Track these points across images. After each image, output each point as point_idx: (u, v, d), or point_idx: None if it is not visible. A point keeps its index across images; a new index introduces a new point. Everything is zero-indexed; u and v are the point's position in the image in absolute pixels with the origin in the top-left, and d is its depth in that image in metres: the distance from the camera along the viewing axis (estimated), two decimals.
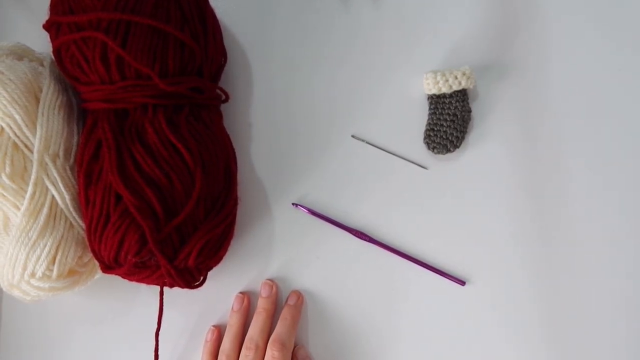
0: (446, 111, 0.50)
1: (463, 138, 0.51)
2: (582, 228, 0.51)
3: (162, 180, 0.43)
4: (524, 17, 0.53)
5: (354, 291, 0.51)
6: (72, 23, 0.44)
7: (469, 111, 0.51)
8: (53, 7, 0.46)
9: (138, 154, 0.44)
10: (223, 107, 0.52)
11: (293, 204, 0.52)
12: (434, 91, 0.50)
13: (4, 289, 0.46)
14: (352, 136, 0.53)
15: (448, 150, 0.51)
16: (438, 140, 0.50)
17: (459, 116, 0.50)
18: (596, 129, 0.52)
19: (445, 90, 0.50)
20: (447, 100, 0.50)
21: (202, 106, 0.48)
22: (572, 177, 0.51)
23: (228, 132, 0.50)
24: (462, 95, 0.51)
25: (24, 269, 0.44)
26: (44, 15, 0.46)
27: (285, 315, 0.49)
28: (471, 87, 0.50)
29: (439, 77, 0.50)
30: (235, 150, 0.50)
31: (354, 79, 0.53)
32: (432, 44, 0.53)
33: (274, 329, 0.49)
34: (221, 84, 0.52)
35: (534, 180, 0.50)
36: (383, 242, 0.51)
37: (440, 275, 0.50)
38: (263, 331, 0.48)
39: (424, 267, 0.51)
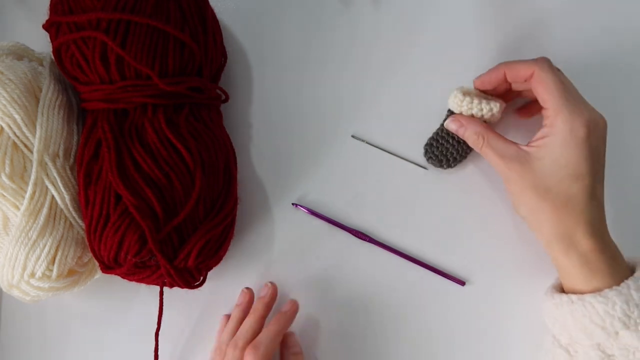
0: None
1: (460, 162, 0.50)
2: None
3: (161, 180, 0.43)
4: (526, 18, 0.53)
5: (353, 291, 0.51)
6: (72, 23, 0.44)
7: None
8: (53, 7, 0.46)
9: (138, 154, 0.44)
10: (223, 107, 0.52)
11: (293, 204, 0.52)
12: (455, 109, 0.48)
13: (4, 289, 0.46)
14: (352, 136, 0.53)
15: (441, 166, 0.50)
16: (437, 153, 0.50)
17: (463, 140, 0.48)
18: None
19: (465, 112, 0.48)
20: None
21: (202, 106, 0.48)
22: None
23: (228, 132, 0.50)
24: None
25: (24, 269, 0.44)
26: (44, 15, 0.46)
27: (273, 322, 0.48)
28: (493, 122, 0.48)
29: (466, 102, 0.47)
30: (235, 150, 0.50)
31: (353, 79, 0.53)
32: (432, 44, 0.53)
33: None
34: (221, 84, 0.52)
35: None
36: (383, 242, 0.51)
37: (440, 275, 0.50)
38: (247, 332, 0.47)
39: (424, 267, 0.51)
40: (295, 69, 0.54)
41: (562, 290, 0.45)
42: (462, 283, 0.50)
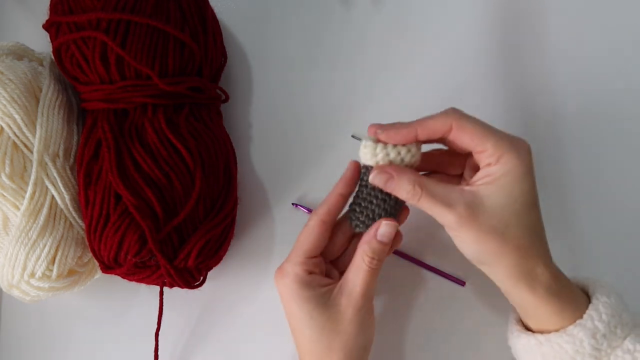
0: (379, 188, 0.41)
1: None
2: (581, 230, 0.51)
3: (161, 180, 0.43)
4: (526, 20, 0.53)
5: None
6: (72, 23, 0.44)
7: None
8: (53, 7, 0.46)
9: (138, 154, 0.44)
10: (223, 107, 0.52)
11: (293, 204, 0.52)
12: (371, 163, 0.41)
13: (4, 289, 0.46)
14: (352, 136, 0.52)
15: None
16: (363, 219, 0.42)
17: (392, 196, 0.41)
18: (597, 138, 0.52)
19: (382, 161, 0.41)
20: None
21: (202, 106, 0.48)
22: (572, 179, 0.51)
23: (228, 132, 0.50)
24: None
25: (24, 269, 0.44)
26: (44, 15, 0.46)
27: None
28: (415, 165, 0.42)
29: (379, 150, 0.41)
30: (235, 150, 0.50)
31: (353, 79, 0.53)
32: (432, 44, 0.53)
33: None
34: (221, 84, 0.52)
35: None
36: None
37: (440, 275, 0.50)
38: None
39: (424, 267, 0.51)
40: (295, 68, 0.54)
41: (522, 324, 0.43)
42: (462, 283, 0.50)
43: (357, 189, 0.43)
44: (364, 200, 0.42)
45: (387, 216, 0.42)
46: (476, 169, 0.41)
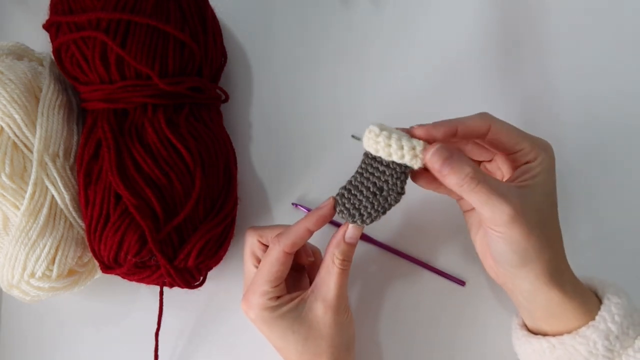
0: (373, 180, 0.40)
1: (375, 219, 0.40)
2: (582, 232, 0.51)
3: (161, 180, 0.43)
4: (526, 19, 0.53)
5: (353, 291, 0.51)
6: (71, 23, 0.44)
7: (399, 193, 0.40)
8: (53, 7, 0.46)
9: (138, 154, 0.44)
10: (223, 107, 0.52)
11: (293, 204, 0.52)
12: (371, 150, 0.40)
13: (4, 289, 0.46)
14: (352, 136, 0.52)
15: (354, 222, 0.41)
16: (348, 205, 0.40)
17: (384, 193, 0.40)
18: (596, 138, 0.52)
19: (382, 155, 0.39)
20: (380, 168, 0.40)
21: (202, 106, 0.48)
22: (571, 179, 0.51)
23: (228, 132, 0.50)
24: (400, 173, 0.39)
25: (24, 269, 0.44)
26: (44, 15, 0.46)
27: (303, 218, 0.43)
28: (415, 167, 0.39)
29: (381, 138, 0.39)
30: (235, 150, 0.50)
31: (353, 79, 0.53)
32: (432, 44, 0.53)
33: None
34: (221, 84, 0.52)
35: None
36: (383, 242, 0.51)
37: (440, 275, 0.50)
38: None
39: (424, 267, 0.51)
40: (295, 69, 0.54)
41: (526, 328, 0.43)
42: (462, 283, 0.50)
43: (353, 173, 0.41)
44: (355, 189, 0.41)
45: (371, 211, 0.40)
46: (512, 166, 0.41)
